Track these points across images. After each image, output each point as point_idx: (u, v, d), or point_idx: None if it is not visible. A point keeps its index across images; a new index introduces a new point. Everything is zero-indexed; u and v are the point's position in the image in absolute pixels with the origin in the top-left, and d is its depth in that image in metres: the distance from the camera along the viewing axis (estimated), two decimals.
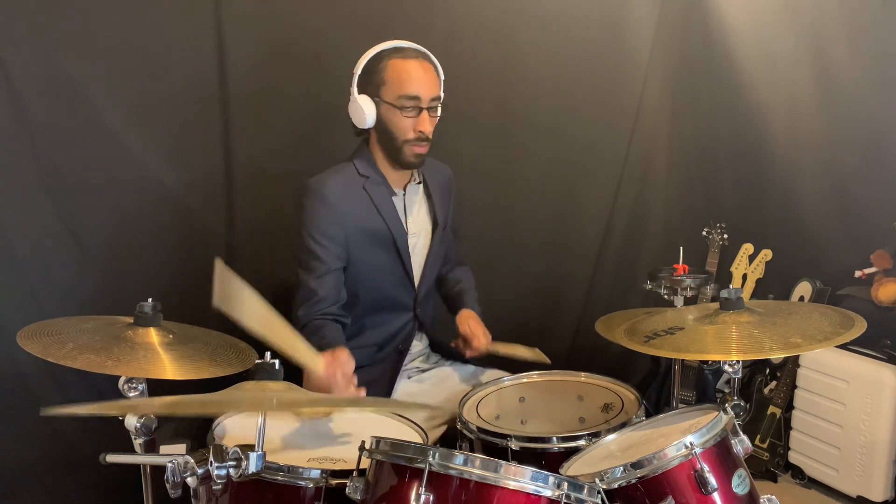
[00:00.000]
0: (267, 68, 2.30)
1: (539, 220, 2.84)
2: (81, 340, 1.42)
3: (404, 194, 1.92)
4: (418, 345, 2.02)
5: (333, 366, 1.52)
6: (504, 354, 1.95)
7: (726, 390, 1.72)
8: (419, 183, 1.95)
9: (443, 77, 1.87)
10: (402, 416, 1.60)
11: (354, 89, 1.82)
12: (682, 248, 2.22)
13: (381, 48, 1.80)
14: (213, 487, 1.15)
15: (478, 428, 1.59)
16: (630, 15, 2.78)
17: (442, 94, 1.88)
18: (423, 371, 2.01)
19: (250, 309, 1.36)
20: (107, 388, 1.42)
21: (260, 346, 1.38)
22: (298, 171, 1.89)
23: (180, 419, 1.97)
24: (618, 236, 2.93)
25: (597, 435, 1.50)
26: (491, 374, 2.00)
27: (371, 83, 1.81)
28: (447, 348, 2.04)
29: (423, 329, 2.01)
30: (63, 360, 1.35)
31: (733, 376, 1.46)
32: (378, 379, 1.89)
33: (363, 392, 1.57)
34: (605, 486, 1.25)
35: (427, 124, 1.80)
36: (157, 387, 1.37)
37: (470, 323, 1.94)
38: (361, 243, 1.84)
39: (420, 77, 1.78)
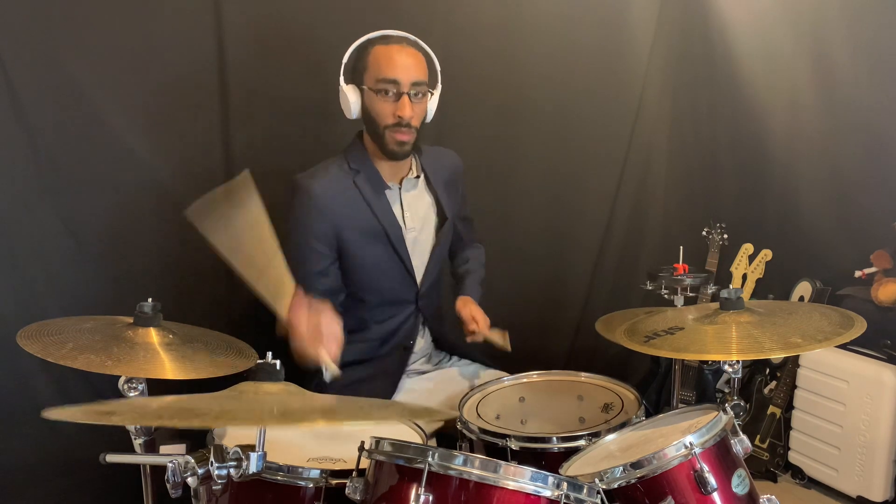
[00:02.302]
0: (266, 67, 2.30)
1: (539, 220, 2.84)
2: (81, 340, 1.42)
3: (400, 188, 1.90)
4: (421, 341, 2.01)
5: (299, 310, 1.45)
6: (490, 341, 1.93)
7: (726, 390, 1.72)
8: (417, 177, 1.93)
9: (438, 68, 1.86)
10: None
11: (342, 78, 1.82)
12: (682, 247, 2.22)
13: (368, 37, 1.81)
14: (214, 487, 1.15)
15: (478, 428, 1.59)
16: (630, 15, 2.78)
17: (438, 86, 1.86)
18: (425, 373, 2.01)
19: (236, 227, 1.33)
20: (107, 388, 1.42)
21: (261, 346, 1.38)
22: (298, 170, 1.89)
23: None
24: (618, 236, 2.93)
25: (597, 435, 1.50)
26: (492, 373, 2.00)
27: (356, 71, 1.82)
28: (452, 343, 2.04)
29: (427, 324, 2.01)
30: (63, 360, 1.35)
31: (733, 376, 1.46)
32: (382, 375, 1.89)
33: (332, 365, 1.50)
34: (604, 486, 1.25)
35: (407, 109, 1.76)
36: (158, 387, 1.37)
37: (470, 308, 1.94)
38: (354, 240, 1.83)
39: (400, 61, 1.76)
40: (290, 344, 1.50)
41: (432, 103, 1.86)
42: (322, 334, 1.49)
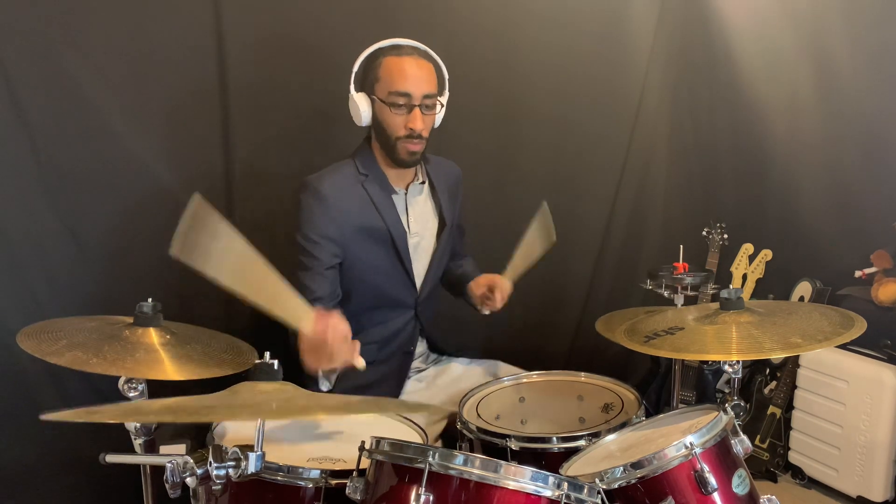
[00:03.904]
0: (267, 66, 2.29)
1: None
2: (76, 338, 1.42)
3: (406, 193, 1.91)
4: (420, 345, 2.02)
5: (324, 323, 1.45)
6: (525, 266, 1.90)
7: (726, 390, 1.72)
8: (422, 183, 1.94)
9: (446, 76, 1.87)
10: (402, 416, 1.60)
11: (352, 86, 1.83)
12: (682, 246, 2.22)
13: (379, 45, 1.81)
14: (213, 487, 1.15)
15: (478, 428, 1.59)
16: (630, 13, 2.78)
17: (445, 93, 1.87)
18: (422, 371, 2.01)
19: (225, 257, 1.23)
20: (107, 388, 1.42)
21: (260, 346, 1.38)
22: (298, 170, 1.89)
23: None
24: (618, 235, 2.93)
25: (597, 435, 1.50)
26: (492, 368, 2.00)
27: (367, 80, 1.82)
28: (446, 346, 2.05)
29: (424, 331, 2.01)
30: (51, 357, 1.34)
31: (733, 376, 1.47)
32: (383, 380, 1.89)
33: (360, 361, 1.52)
34: (605, 487, 1.25)
35: (419, 121, 1.78)
36: (157, 387, 1.37)
37: (488, 276, 1.93)
38: (359, 241, 1.83)
39: (413, 74, 1.77)
40: (307, 355, 1.50)
41: (440, 111, 1.87)
42: (347, 343, 1.49)
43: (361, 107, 1.81)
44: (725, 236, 2.77)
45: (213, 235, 1.22)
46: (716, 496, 1.26)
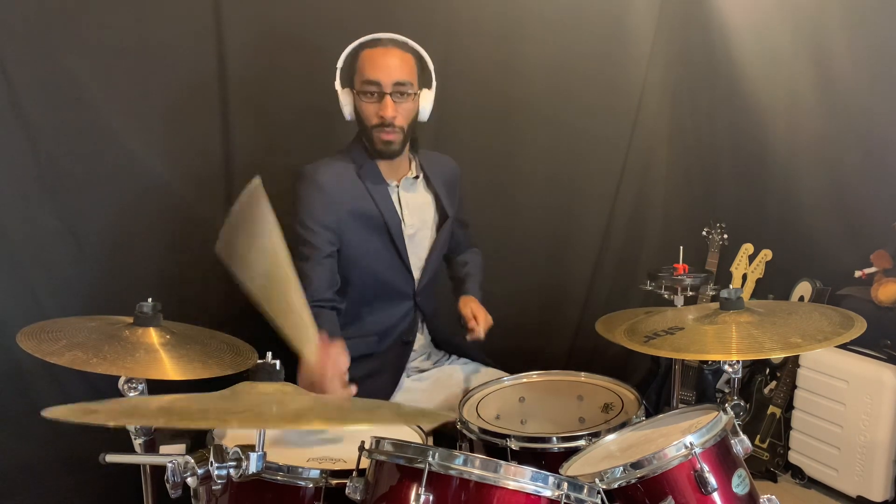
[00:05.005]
0: (266, 62, 2.30)
1: (539, 220, 2.84)
2: (76, 338, 1.42)
3: (398, 187, 1.92)
4: (420, 338, 2.02)
5: (325, 360, 1.49)
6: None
7: (726, 390, 1.72)
8: (416, 177, 1.95)
9: (432, 69, 1.88)
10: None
11: (338, 83, 1.85)
12: (681, 247, 2.22)
13: (359, 41, 1.84)
14: (213, 487, 1.15)
15: (478, 428, 1.59)
16: (631, 13, 2.78)
17: (432, 86, 1.88)
18: (423, 371, 2.01)
19: (261, 258, 1.31)
20: (107, 388, 1.42)
21: (261, 346, 1.38)
22: (298, 166, 1.89)
23: None
24: (617, 236, 2.93)
25: (597, 435, 1.50)
26: (492, 372, 2.00)
27: (349, 75, 1.85)
28: (451, 342, 2.05)
29: (426, 321, 2.01)
30: (51, 357, 1.34)
31: (733, 376, 1.47)
32: (382, 372, 1.89)
33: (353, 389, 1.55)
34: (604, 486, 1.25)
35: (389, 109, 1.79)
36: (157, 387, 1.37)
37: (472, 306, 1.95)
38: (355, 228, 1.85)
39: (382, 63, 1.79)
40: (302, 380, 1.51)
41: (426, 103, 1.87)
42: (338, 381, 1.51)
43: (344, 101, 1.85)
44: (725, 236, 2.77)
45: (258, 230, 1.29)
46: (715, 496, 1.26)
